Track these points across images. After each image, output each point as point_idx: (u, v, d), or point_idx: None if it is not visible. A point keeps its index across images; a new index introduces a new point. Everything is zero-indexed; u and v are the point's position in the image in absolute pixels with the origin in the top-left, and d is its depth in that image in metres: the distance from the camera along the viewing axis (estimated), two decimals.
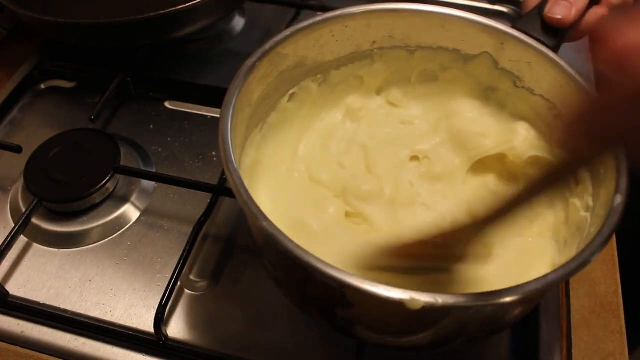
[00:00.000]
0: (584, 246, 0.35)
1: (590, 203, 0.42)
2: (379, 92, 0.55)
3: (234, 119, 0.41)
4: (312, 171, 0.51)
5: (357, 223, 0.48)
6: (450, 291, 0.42)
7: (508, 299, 0.33)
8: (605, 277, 0.51)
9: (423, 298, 0.32)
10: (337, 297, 0.36)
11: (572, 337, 0.48)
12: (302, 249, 0.34)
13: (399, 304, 0.32)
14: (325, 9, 0.71)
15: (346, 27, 0.49)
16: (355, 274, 0.33)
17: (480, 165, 0.51)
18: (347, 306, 0.37)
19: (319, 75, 0.52)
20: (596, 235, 0.36)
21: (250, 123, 0.47)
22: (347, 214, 0.48)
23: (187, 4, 0.61)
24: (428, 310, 0.32)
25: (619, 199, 0.37)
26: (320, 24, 0.48)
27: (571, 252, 0.41)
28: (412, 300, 0.32)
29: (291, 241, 0.34)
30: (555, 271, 0.34)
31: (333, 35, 0.49)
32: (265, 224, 0.35)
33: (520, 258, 0.45)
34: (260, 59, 0.45)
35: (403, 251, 0.42)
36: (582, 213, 0.43)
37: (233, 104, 0.42)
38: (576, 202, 0.44)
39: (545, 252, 0.45)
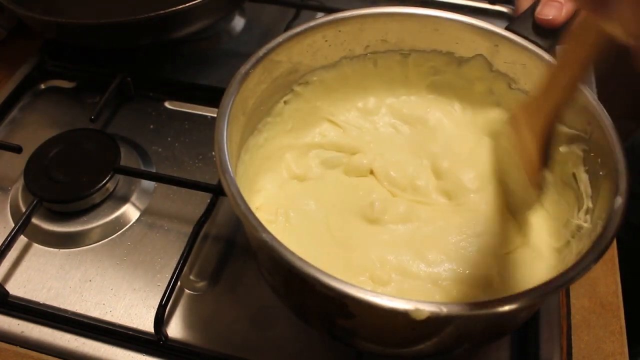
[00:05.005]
0: (585, 250, 0.35)
1: (590, 205, 0.41)
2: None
3: (229, 127, 0.41)
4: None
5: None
6: (457, 294, 0.42)
7: (510, 307, 0.33)
8: (605, 277, 0.51)
9: (428, 308, 0.31)
10: (337, 308, 0.36)
11: (572, 337, 0.48)
12: (302, 259, 0.33)
13: (403, 315, 0.32)
14: (325, 10, 0.72)
15: (339, 31, 0.49)
16: (357, 285, 0.32)
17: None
18: (348, 317, 0.36)
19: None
20: (597, 239, 0.35)
21: (245, 130, 0.47)
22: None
23: (187, 4, 0.61)
24: (432, 320, 0.32)
25: (619, 201, 0.36)
26: (313, 29, 0.48)
27: (571, 255, 0.41)
28: (417, 310, 0.31)
29: (291, 252, 0.34)
30: (557, 277, 0.33)
31: (326, 41, 0.49)
32: (264, 235, 0.34)
33: (522, 261, 0.45)
34: (253, 66, 0.45)
35: None
36: (582, 215, 0.42)
37: (228, 112, 0.42)
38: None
39: (546, 255, 0.45)
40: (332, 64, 0.51)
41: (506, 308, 0.33)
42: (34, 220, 0.54)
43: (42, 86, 0.70)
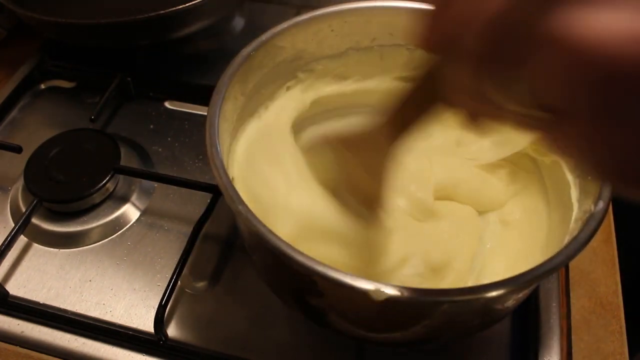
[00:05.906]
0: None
1: (576, 208, 0.41)
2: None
3: (224, 105, 0.42)
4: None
5: None
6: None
7: (473, 296, 0.32)
8: (605, 277, 0.51)
9: (388, 290, 0.31)
10: (308, 285, 0.36)
11: (572, 337, 0.48)
12: (273, 233, 0.34)
13: (364, 294, 0.31)
14: None
15: (345, 22, 0.49)
16: (325, 264, 0.32)
17: None
18: (317, 295, 0.37)
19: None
20: (570, 242, 0.35)
21: (244, 112, 0.47)
22: None
23: (187, 4, 0.61)
24: (393, 304, 0.32)
25: (600, 205, 0.37)
26: (319, 18, 0.48)
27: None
28: (377, 291, 0.31)
29: (263, 225, 0.34)
30: (511, 279, 0.33)
31: (332, 30, 0.49)
32: (240, 207, 0.35)
33: (514, 252, 0.46)
34: (255, 49, 0.45)
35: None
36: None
37: (224, 91, 0.42)
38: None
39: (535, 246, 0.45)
40: (338, 54, 0.51)
41: (466, 297, 0.32)
42: (34, 220, 0.54)
43: (42, 86, 0.70)
